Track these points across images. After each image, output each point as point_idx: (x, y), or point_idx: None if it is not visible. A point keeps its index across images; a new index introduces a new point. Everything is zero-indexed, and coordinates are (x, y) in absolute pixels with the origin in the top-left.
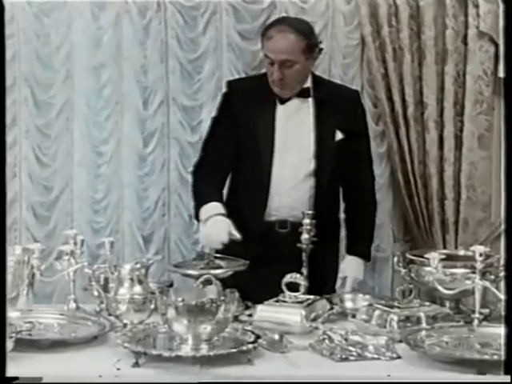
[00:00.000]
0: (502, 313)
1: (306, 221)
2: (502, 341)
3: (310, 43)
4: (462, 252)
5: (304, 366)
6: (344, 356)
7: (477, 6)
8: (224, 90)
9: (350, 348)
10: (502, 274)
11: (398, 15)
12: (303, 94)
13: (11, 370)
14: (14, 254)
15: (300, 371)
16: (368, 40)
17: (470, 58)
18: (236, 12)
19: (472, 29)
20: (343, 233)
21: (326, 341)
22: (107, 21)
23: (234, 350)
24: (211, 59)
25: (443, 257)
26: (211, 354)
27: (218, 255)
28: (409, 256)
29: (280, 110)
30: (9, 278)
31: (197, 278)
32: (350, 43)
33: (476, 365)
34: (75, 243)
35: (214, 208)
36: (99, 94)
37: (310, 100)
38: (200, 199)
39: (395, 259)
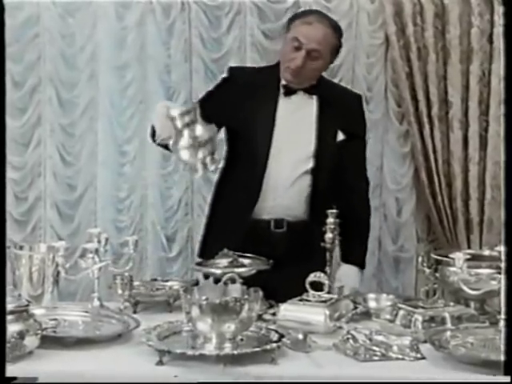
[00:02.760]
0: None
1: (330, 220)
2: (502, 341)
3: (340, 44)
4: (486, 252)
5: (328, 366)
6: (368, 356)
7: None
8: (225, 75)
9: (374, 348)
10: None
11: (422, 14)
12: (309, 90)
13: (35, 367)
14: (38, 251)
15: (324, 371)
16: (392, 39)
17: (495, 56)
18: (260, 11)
19: (498, 27)
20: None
21: (350, 340)
22: (131, 20)
23: (258, 349)
24: (235, 58)
25: (468, 257)
26: (235, 352)
27: (241, 254)
28: (433, 256)
29: (283, 102)
30: (34, 275)
31: (220, 276)
32: (374, 42)
33: (501, 366)
34: (99, 241)
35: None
36: (123, 94)
37: (315, 97)
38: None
39: (419, 259)
